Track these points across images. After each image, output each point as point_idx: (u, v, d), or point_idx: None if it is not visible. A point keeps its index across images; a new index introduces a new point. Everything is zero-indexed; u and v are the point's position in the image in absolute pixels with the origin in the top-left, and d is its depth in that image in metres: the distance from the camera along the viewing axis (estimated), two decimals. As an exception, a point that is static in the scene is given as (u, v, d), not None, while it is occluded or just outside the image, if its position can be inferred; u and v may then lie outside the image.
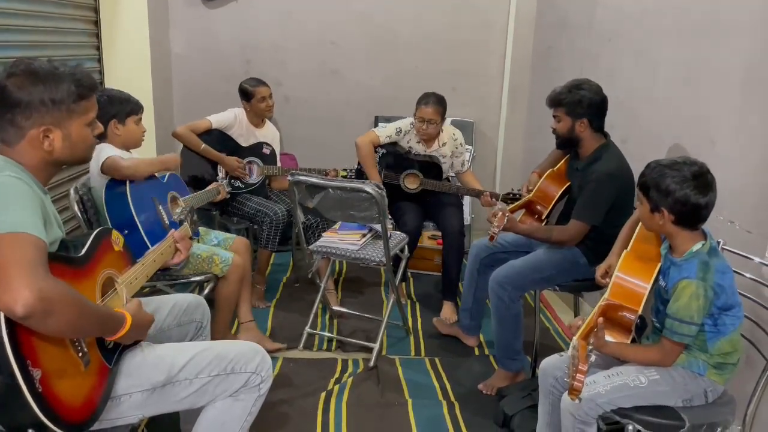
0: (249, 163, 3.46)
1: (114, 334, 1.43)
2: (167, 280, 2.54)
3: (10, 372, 1.19)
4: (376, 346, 2.82)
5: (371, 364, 2.77)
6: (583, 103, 2.41)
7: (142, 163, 2.39)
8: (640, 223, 1.94)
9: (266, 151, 3.50)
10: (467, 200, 4.02)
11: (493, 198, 3.25)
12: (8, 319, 1.20)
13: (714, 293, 1.67)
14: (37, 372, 1.23)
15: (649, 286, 1.82)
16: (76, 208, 2.40)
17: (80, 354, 1.38)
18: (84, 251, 1.49)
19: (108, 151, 2.31)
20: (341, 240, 2.85)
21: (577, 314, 2.95)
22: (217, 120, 3.39)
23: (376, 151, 3.45)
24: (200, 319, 1.96)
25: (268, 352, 1.79)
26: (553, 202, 2.68)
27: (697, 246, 1.73)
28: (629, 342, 1.82)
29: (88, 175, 2.45)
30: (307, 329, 2.95)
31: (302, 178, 2.69)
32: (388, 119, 3.56)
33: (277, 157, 3.58)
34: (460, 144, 3.53)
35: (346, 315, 3.26)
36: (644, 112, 2.72)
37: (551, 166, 2.75)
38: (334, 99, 4.51)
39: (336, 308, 3.27)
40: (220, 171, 3.38)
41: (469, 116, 4.42)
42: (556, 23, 3.88)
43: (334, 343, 3.00)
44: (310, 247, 2.87)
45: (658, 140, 2.54)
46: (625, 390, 1.72)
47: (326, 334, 3.06)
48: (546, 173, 2.72)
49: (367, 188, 2.57)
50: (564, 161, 2.70)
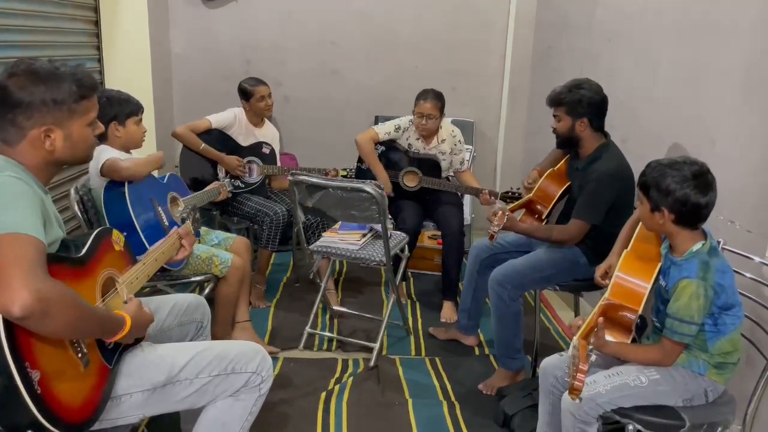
0: (249, 162, 3.46)
1: (113, 336, 1.44)
2: (167, 280, 2.54)
3: (9, 374, 1.19)
4: (377, 345, 2.82)
5: (371, 363, 2.77)
6: (583, 103, 2.41)
7: (139, 164, 2.39)
8: (641, 222, 1.94)
9: (266, 150, 3.51)
10: (467, 200, 4.02)
11: (492, 196, 3.25)
12: (7, 321, 1.20)
13: (714, 293, 1.67)
14: (36, 373, 1.23)
15: (649, 286, 1.82)
16: (77, 208, 2.40)
17: (80, 355, 1.38)
18: (84, 251, 1.49)
19: (107, 154, 2.31)
20: (341, 240, 2.85)
21: (577, 314, 2.95)
22: (216, 120, 3.40)
23: (375, 149, 3.46)
24: (201, 319, 1.96)
25: None
26: (553, 202, 2.68)
27: (698, 246, 1.73)
28: (629, 342, 1.82)
29: (88, 175, 2.45)
30: (308, 329, 2.95)
31: (303, 177, 2.69)
32: (388, 119, 3.56)
33: (277, 156, 3.58)
34: (459, 141, 3.54)
35: (346, 315, 3.26)
36: (644, 112, 2.72)
37: (551, 165, 2.75)
38: (334, 99, 4.51)
39: (336, 308, 3.27)
40: (220, 170, 3.39)
41: (469, 116, 4.42)
42: (556, 23, 3.88)
43: (335, 343, 3.00)
44: (311, 247, 2.87)
45: (658, 140, 2.54)
46: (626, 390, 1.72)
47: (326, 334, 3.06)
48: (546, 173, 2.72)
49: (368, 188, 2.56)
50: (564, 161, 2.69)
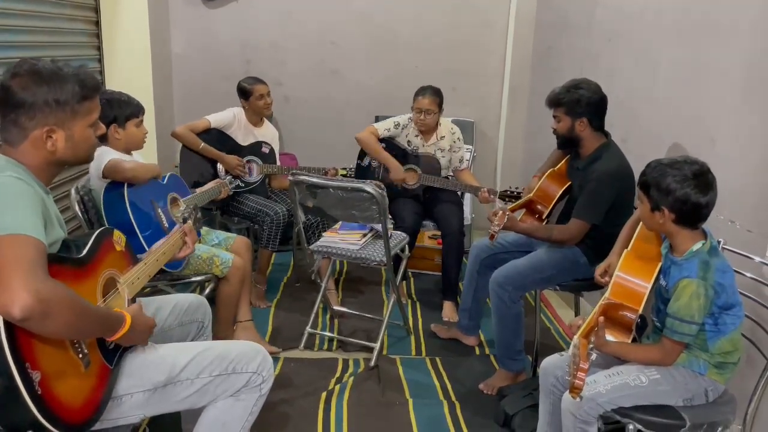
0: (248, 162, 3.46)
1: (114, 334, 1.43)
2: (168, 280, 2.54)
3: (9, 374, 1.19)
4: (377, 345, 2.82)
5: (372, 363, 2.77)
6: (581, 102, 2.41)
7: (141, 168, 2.39)
8: (641, 222, 1.94)
9: (265, 150, 3.51)
10: (467, 199, 4.02)
11: (491, 194, 3.25)
12: (7, 322, 1.20)
13: (714, 292, 1.68)
14: (37, 374, 1.23)
15: (649, 286, 1.82)
16: (77, 208, 2.40)
17: (80, 355, 1.38)
18: (85, 251, 1.49)
19: (109, 155, 2.30)
20: (342, 240, 2.85)
21: (577, 314, 2.95)
22: (215, 119, 3.40)
23: None
24: (201, 319, 1.96)
25: None
26: (553, 202, 2.68)
27: (698, 245, 1.73)
28: (630, 341, 1.83)
29: (88, 176, 2.45)
30: (308, 329, 2.96)
31: (303, 177, 2.70)
32: (388, 119, 3.57)
33: (277, 156, 3.58)
34: (458, 139, 3.54)
35: (346, 315, 3.26)
36: (644, 111, 2.72)
37: (552, 166, 2.75)
38: (334, 99, 4.52)
39: (337, 308, 3.27)
40: (220, 170, 3.39)
41: (469, 116, 4.42)
42: (556, 23, 3.88)
43: (335, 343, 3.00)
44: (311, 247, 2.87)
45: (658, 140, 2.54)
46: (626, 389, 1.72)
47: (327, 333, 3.06)
48: (547, 173, 2.72)
49: (368, 188, 2.57)
50: (565, 161, 2.70)
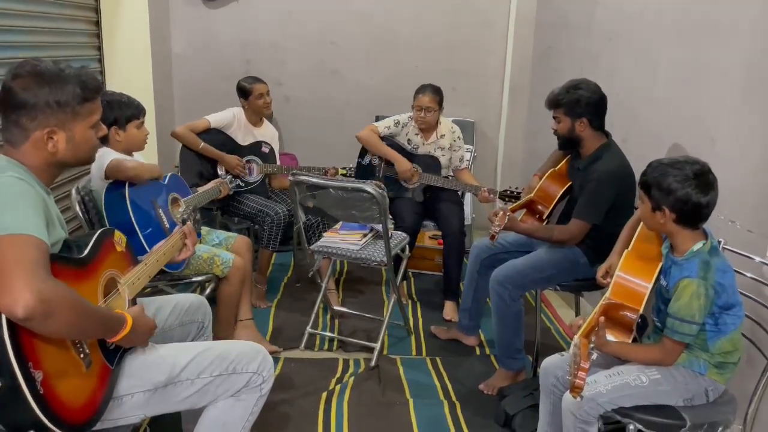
0: (248, 161, 3.47)
1: (115, 335, 1.43)
2: (169, 280, 2.54)
3: (12, 374, 1.19)
4: (377, 345, 2.82)
5: (372, 363, 2.77)
6: (581, 103, 2.41)
7: (143, 167, 2.39)
8: (642, 222, 1.94)
9: (265, 149, 3.51)
10: (468, 199, 4.02)
11: (491, 194, 3.26)
12: (10, 321, 1.20)
13: (715, 292, 1.68)
14: (39, 374, 1.24)
15: (650, 286, 1.82)
16: (78, 208, 2.40)
17: (82, 355, 1.38)
18: (86, 252, 1.49)
19: (111, 156, 2.30)
20: (342, 240, 2.85)
21: (577, 314, 2.95)
22: (215, 119, 3.40)
23: None
24: (202, 319, 1.96)
25: None
26: (554, 202, 2.68)
27: (698, 245, 1.73)
28: (630, 341, 1.83)
29: (89, 176, 2.45)
30: (309, 329, 2.96)
31: (303, 177, 2.70)
32: (388, 119, 3.58)
33: (276, 155, 3.58)
34: (459, 138, 3.55)
35: (347, 315, 3.26)
36: (644, 111, 2.72)
37: (552, 166, 2.75)
38: (334, 99, 4.52)
39: (337, 308, 3.27)
40: (220, 169, 3.39)
41: (470, 116, 4.42)
42: (556, 23, 3.88)
43: (336, 343, 3.00)
44: (311, 247, 2.87)
45: (658, 140, 2.55)
46: (626, 389, 1.73)
47: (327, 334, 3.06)
48: (547, 173, 2.72)
49: (368, 188, 2.57)
50: (565, 161, 2.70)
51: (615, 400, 1.72)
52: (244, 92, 3.47)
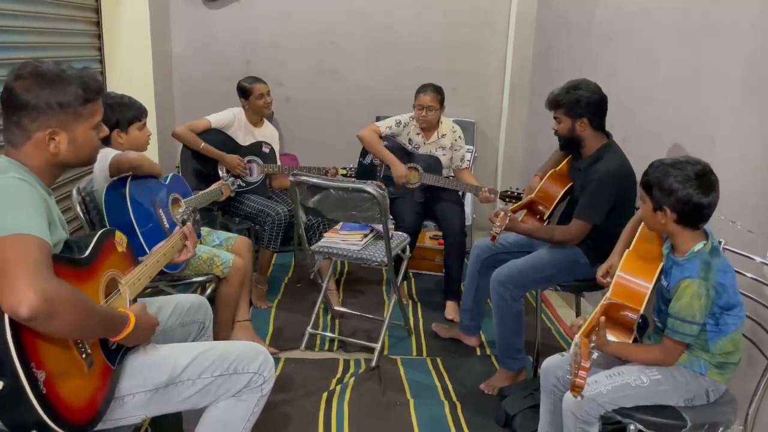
0: (249, 162, 3.47)
1: (118, 334, 1.44)
2: (169, 280, 2.54)
3: (15, 374, 1.19)
4: (378, 346, 2.83)
5: (373, 364, 2.78)
6: (581, 103, 2.42)
7: (145, 158, 2.39)
8: (642, 222, 1.95)
9: (265, 150, 3.51)
10: (468, 200, 4.02)
11: (492, 194, 3.26)
12: (13, 321, 1.21)
13: (716, 293, 1.68)
14: (41, 374, 1.24)
15: (651, 286, 1.82)
16: (79, 209, 2.40)
17: (84, 355, 1.38)
18: (87, 252, 1.49)
19: (113, 155, 2.31)
20: (343, 240, 2.85)
21: (578, 314, 2.95)
22: (215, 119, 3.40)
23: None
24: (203, 320, 1.96)
25: None
26: (555, 203, 2.68)
27: (699, 245, 1.73)
28: (631, 341, 1.83)
29: (91, 176, 2.45)
30: (309, 329, 2.96)
31: (304, 178, 2.70)
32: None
33: (277, 155, 3.58)
34: (459, 137, 3.55)
35: (347, 315, 3.26)
36: (644, 111, 2.72)
37: (553, 167, 2.75)
38: (335, 99, 4.52)
39: (337, 308, 3.27)
40: (221, 170, 3.39)
41: (470, 116, 4.43)
42: (556, 23, 3.88)
43: (336, 344, 3.01)
44: (312, 248, 2.88)
45: (659, 140, 2.55)
46: (627, 390, 1.73)
47: (328, 334, 3.07)
48: (548, 173, 2.72)
49: (369, 189, 2.57)
50: (566, 162, 2.70)
51: (615, 401, 1.72)
52: (244, 92, 3.47)
